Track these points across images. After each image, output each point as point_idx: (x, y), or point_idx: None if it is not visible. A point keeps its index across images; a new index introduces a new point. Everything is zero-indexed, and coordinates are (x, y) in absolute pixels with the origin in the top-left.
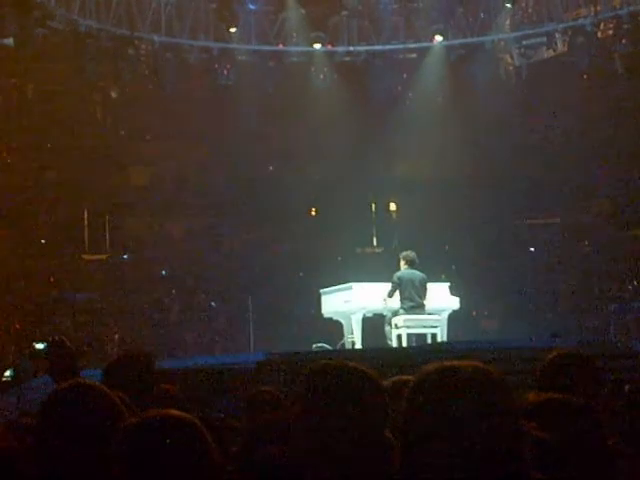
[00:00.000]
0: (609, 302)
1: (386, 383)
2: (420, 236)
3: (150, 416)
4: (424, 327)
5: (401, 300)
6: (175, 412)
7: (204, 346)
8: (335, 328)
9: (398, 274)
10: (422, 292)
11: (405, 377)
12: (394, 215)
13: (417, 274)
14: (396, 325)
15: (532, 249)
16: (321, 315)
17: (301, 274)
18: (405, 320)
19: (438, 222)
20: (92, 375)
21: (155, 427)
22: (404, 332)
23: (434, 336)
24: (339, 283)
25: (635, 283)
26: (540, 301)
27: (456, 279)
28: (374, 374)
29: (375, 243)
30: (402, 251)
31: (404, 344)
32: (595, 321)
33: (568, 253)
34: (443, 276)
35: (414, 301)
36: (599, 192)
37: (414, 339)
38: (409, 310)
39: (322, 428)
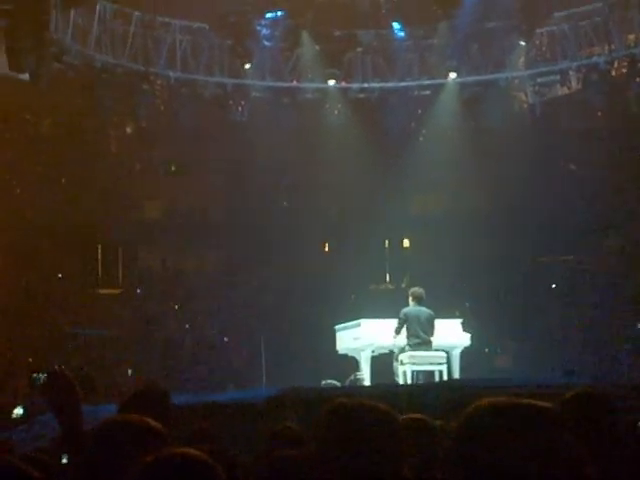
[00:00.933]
0: (623, 340)
1: None
2: (434, 272)
3: (165, 455)
4: (430, 364)
5: (407, 337)
6: (191, 451)
7: (217, 381)
8: (349, 364)
9: (404, 310)
10: (428, 329)
11: (414, 416)
12: (408, 251)
13: (424, 311)
14: (402, 362)
15: (554, 286)
16: (335, 351)
17: (314, 310)
18: (410, 357)
19: (452, 259)
20: (107, 410)
21: (169, 466)
22: (409, 369)
23: (441, 373)
24: (352, 319)
25: None
26: (554, 339)
27: (469, 316)
28: (390, 412)
29: (388, 279)
30: (414, 287)
31: (409, 381)
32: (609, 359)
33: (582, 291)
34: (457, 312)
35: (420, 338)
36: (613, 229)
37: (421, 377)
38: (415, 347)
39: (340, 466)
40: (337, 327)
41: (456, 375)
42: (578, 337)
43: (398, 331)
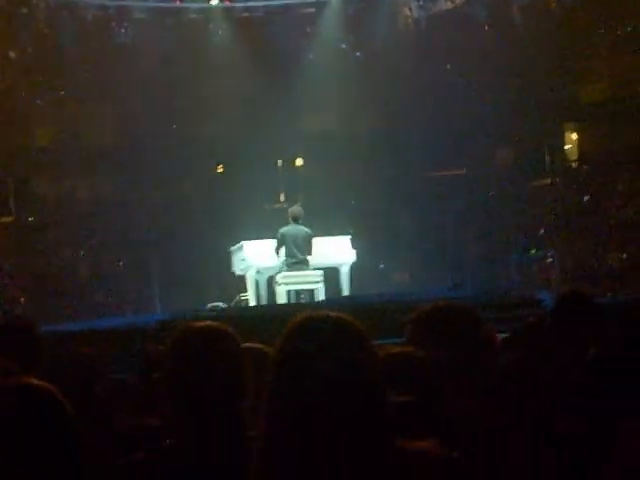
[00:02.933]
0: (514, 252)
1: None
2: (328, 191)
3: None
4: (304, 283)
5: (285, 256)
6: (33, 381)
7: (114, 307)
8: (244, 285)
9: (281, 230)
10: (305, 248)
11: (254, 345)
12: (301, 170)
13: (301, 229)
14: (277, 282)
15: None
16: (231, 273)
17: (210, 232)
18: (284, 277)
19: (345, 177)
20: None
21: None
22: (283, 289)
23: (317, 292)
24: (246, 240)
25: (540, 233)
26: (449, 252)
27: (364, 232)
28: (234, 335)
29: (283, 199)
30: (309, 205)
31: (284, 301)
32: (500, 271)
33: (474, 204)
34: (352, 230)
35: (296, 257)
36: (502, 143)
37: (302, 296)
38: (291, 267)
39: (183, 389)
40: (231, 249)
41: (345, 292)
42: (471, 250)
43: (277, 251)
